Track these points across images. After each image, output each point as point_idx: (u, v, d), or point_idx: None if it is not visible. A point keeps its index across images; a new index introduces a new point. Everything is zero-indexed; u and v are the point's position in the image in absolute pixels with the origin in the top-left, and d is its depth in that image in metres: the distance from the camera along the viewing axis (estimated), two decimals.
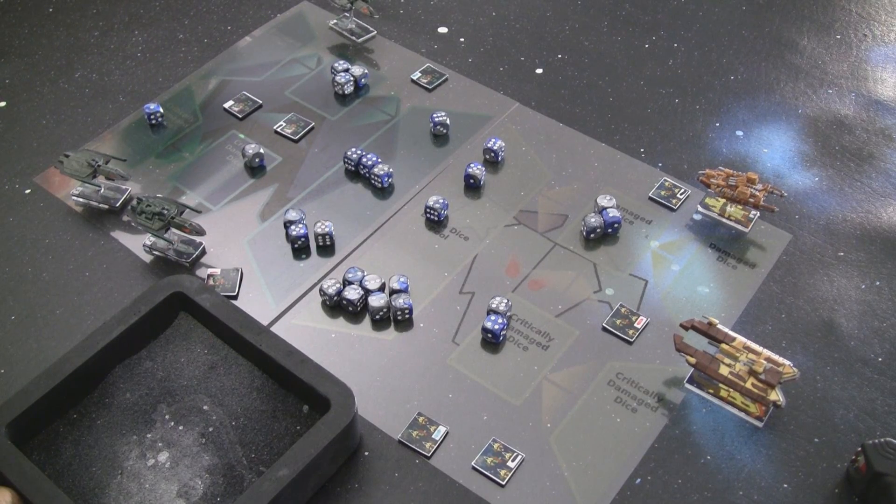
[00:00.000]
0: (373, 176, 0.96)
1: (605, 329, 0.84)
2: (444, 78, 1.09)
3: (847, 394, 0.80)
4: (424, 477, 0.75)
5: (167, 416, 0.75)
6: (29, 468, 0.68)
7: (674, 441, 0.77)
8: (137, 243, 0.92)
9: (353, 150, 0.98)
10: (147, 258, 0.91)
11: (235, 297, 0.87)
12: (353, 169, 0.98)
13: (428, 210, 0.93)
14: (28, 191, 0.98)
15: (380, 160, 0.97)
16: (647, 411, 0.79)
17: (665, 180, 0.97)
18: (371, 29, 1.15)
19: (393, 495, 0.74)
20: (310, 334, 0.85)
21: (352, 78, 1.07)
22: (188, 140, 1.03)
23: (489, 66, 1.12)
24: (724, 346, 0.78)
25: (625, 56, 1.13)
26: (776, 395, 0.75)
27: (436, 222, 0.94)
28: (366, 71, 1.09)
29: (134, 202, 0.90)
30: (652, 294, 0.87)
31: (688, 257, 0.90)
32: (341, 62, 1.10)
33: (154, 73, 1.11)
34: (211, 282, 0.88)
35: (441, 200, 0.93)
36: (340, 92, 1.07)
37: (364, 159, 0.97)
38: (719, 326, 0.80)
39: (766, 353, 0.78)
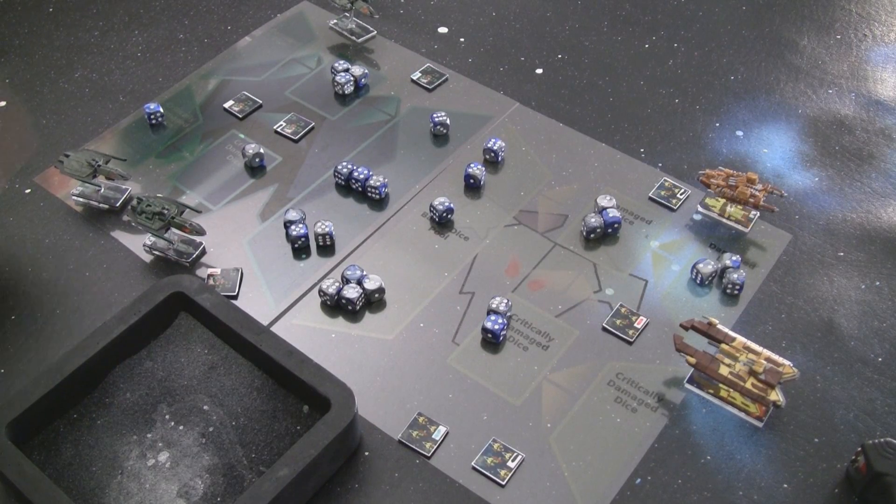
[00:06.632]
0: (370, 189, 0.95)
1: (605, 329, 0.85)
2: (444, 78, 1.09)
3: (847, 394, 0.80)
4: (424, 477, 0.75)
5: (167, 416, 0.76)
6: (29, 468, 0.68)
7: (674, 441, 0.77)
8: (137, 243, 0.92)
9: (344, 163, 0.97)
10: (147, 258, 0.91)
11: (235, 297, 0.87)
12: (343, 184, 0.97)
13: (432, 209, 0.93)
14: (28, 191, 0.98)
15: (372, 172, 0.96)
16: (647, 411, 0.79)
17: (665, 180, 0.97)
18: (371, 29, 1.15)
19: (393, 495, 0.74)
20: (310, 334, 0.85)
21: (352, 78, 1.07)
22: (188, 140, 1.03)
23: (489, 66, 1.12)
24: (724, 346, 0.78)
25: (625, 56, 1.13)
26: (776, 395, 0.75)
27: (437, 222, 0.94)
28: (366, 71, 1.09)
29: (134, 202, 0.90)
30: (652, 294, 0.87)
31: (688, 257, 0.90)
32: (341, 62, 1.10)
33: (154, 73, 1.11)
34: (211, 282, 0.88)
35: (446, 203, 0.93)
36: (340, 92, 1.07)
37: (355, 173, 0.96)
38: (719, 326, 0.80)
39: (766, 353, 0.78)
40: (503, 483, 0.74)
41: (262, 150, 0.99)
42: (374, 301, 0.87)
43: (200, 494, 0.71)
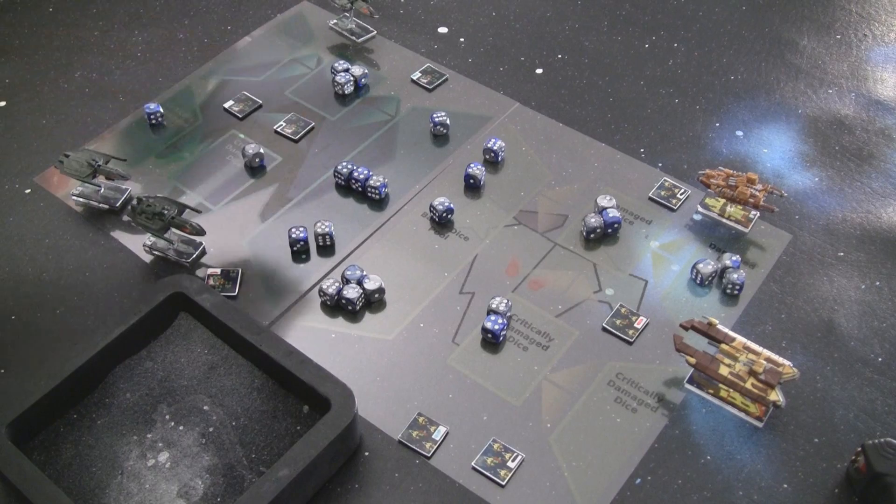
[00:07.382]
0: (370, 189, 0.95)
1: (605, 329, 0.85)
2: (444, 78, 1.09)
3: (847, 394, 0.80)
4: (424, 477, 0.75)
5: (167, 417, 0.76)
6: (29, 468, 0.68)
7: (674, 441, 0.77)
8: (137, 243, 0.92)
9: (344, 163, 0.97)
10: (147, 258, 0.91)
11: (235, 297, 0.87)
12: (343, 184, 0.97)
13: (432, 209, 0.93)
14: (28, 191, 0.98)
15: (372, 172, 0.96)
16: (647, 411, 0.79)
17: (665, 180, 0.97)
18: (371, 29, 1.16)
19: (393, 495, 0.74)
20: (310, 334, 0.85)
21: (352, 78, 1.07)
22: (188, 140, 1.03)
23: (489, 66, 1.12)
24: (723, 346, 0.78)
25: (625, 56, 1.13)
26: (776, 396, 0.75)
27: (437, 222, 0.94)
28: (366, 71, 1.09)
29: (134, 202, 0.90)
30: (652, 294, 0.87)
31: (688, 257, 0.91)
32: (341, 62, 1.10)
33: (154, 73, 1.11)
34: (211, 282, 0.88)
35: (446, 203, 0.92)
36: (340, 92, 1.07)
37: (356, 173, 0.96)
38: (719, 327, 0.80)
39: (766, 353, 0.78)
40: (503, 483, 0.74)
41: (262, 150, 0.99)
42: (374, 301, 0.87)
43: (200, 495, 0.71)
